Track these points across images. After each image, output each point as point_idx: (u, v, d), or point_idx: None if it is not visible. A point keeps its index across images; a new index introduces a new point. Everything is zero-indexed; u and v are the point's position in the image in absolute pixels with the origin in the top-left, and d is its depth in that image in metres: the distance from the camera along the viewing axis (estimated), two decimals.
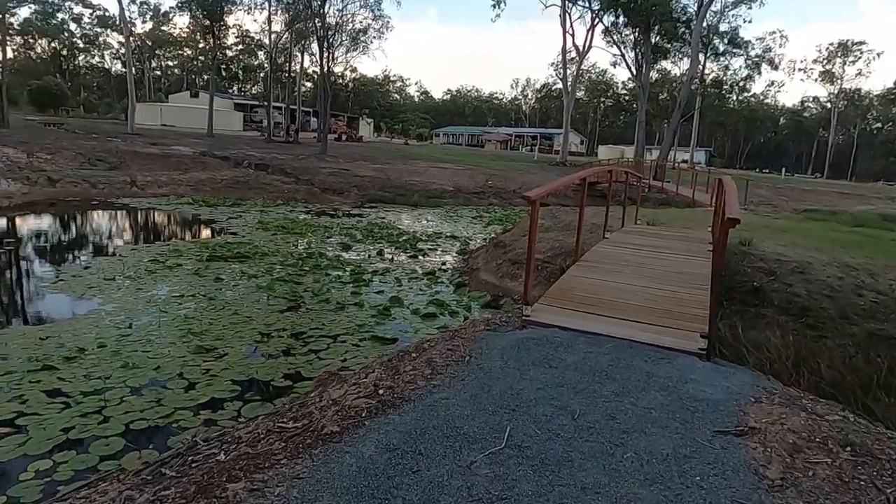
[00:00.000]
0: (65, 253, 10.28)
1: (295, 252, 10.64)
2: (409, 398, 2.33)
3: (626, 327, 3.60)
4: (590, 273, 5.24)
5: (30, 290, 7.64)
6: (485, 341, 3.20)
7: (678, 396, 2.57)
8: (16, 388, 4.61)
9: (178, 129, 42.14)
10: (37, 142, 22.43)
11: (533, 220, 3.43)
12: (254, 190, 20.62)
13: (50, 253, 10.23)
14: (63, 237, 12.29)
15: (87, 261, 9.38)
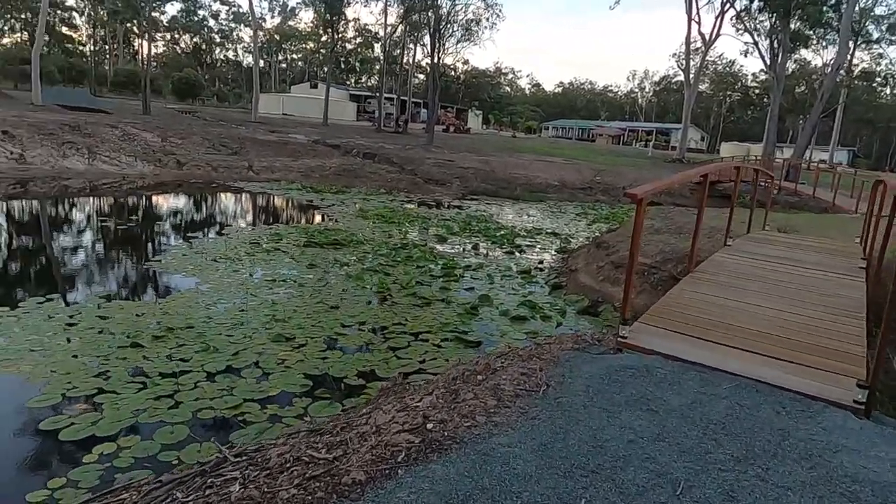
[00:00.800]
0: (178, 232, 10.85)
1: (389, 242, 10.51)
2: (462, 439, 1.88)
3: (751, 362, 2.89)
4: (706, 287, 4.47)
5: (140, 266, 8.05)
6: (569, 365, 2.66)
7: (826, 472, 1.88)
8: (103, 363, 4.71)
9: (296, 118, 44.37)
10: (171, 128, 24.36)
11: (638, 222, 2.82)
12: (359, 178, 21.02)
13: (165, 231, 10.85)
14: (180, 217, 13.06)
15: (197, 240, 9.80)
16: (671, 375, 2.57)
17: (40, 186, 15.10)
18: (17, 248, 9.15)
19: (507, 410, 2.11)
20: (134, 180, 17.34)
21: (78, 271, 8.01)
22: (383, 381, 4.72)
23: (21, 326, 5.38)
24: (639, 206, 2.79)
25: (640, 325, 3.32)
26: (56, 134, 18.97)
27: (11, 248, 9.04)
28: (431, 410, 2.14)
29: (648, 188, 2.93)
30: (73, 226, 11.35)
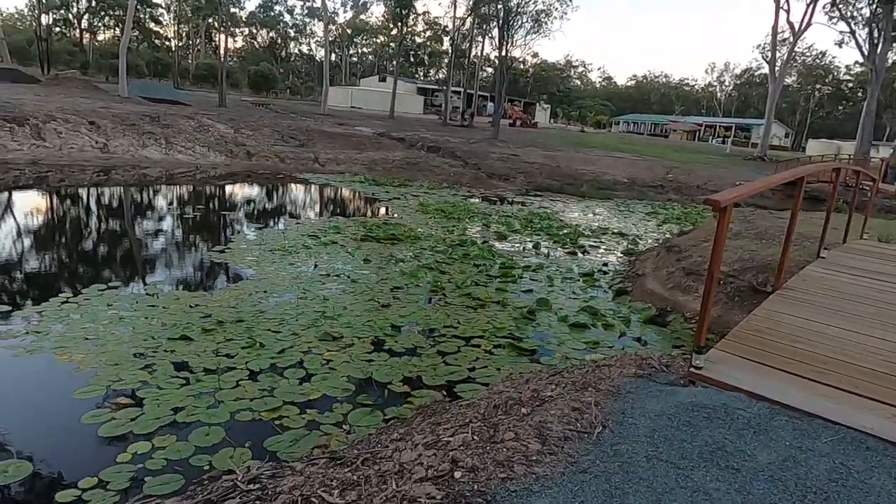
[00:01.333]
0: (242, 222, 11.01)
1: (447, 238, 10.25)
2: (493, 496, 1.56)
3: (857, 408, 2.38)
4: (799, 309, 3.89)
5: (201, 255, 8.16)
6: (630, 399, 2.27)
7: None
8: (151, 355, 4.69)
9: (363, 110, 44.94)
10: (243, 120, 25.11)
11: (720, 233, 2.38)
12: (422, 171, 20.90)
13: (230, 221, 11.05)
14: (245, 207, 13.31)
15: (259, 231, 9.89)
16: (756, 420, 2.13)
17: (121, 174, 15.83)
18: (88, 234, 9.52)
19: (551, 458, 1.77)
20: (207, 170, 17.92)
21: (141, 260, 8.21)
22: (427, 393, 4.46)
23: (81, 313, 5.48)
24: (722, 216, 2.35)
25: (718, 353, 2.86)
26: (137, 125, 19.88)
27: (82, 235, 9.41)
28: (463, 452, 1.83)
29: (733, 194, 2.48)
30: (144, 214, 11.76)
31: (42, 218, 10.44)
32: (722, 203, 2.31)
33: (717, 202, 2.29)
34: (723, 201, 2.30)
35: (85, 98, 25.39)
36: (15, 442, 3.43)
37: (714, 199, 2.30)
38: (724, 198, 2.39)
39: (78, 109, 20.14)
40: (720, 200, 2.29)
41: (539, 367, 4.59)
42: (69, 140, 17.63)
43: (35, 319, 5.26)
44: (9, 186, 12.81)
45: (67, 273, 7.23)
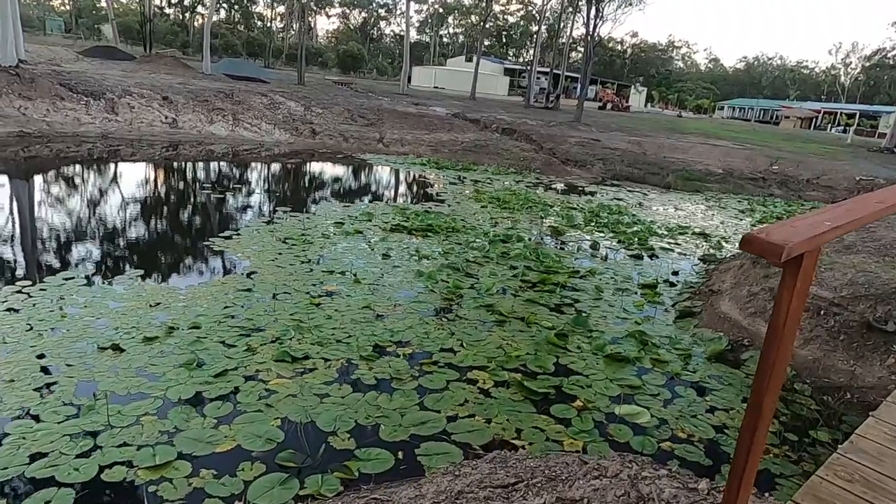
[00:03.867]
0: (271, 203, 10.29)
1: (491, 232, 8.98)
2: None
3: None
4: None
5: (201, 242, 7.41)
6: None
7: None
8: (62, 371, 3.86)
9: (445, 91, 43.92)
10: (316, 98, 24.81)
11: (788, 305, 1.09)
12: (490, 155, 19.56)
13: (258, 202, 10.36)
14: (284, 186, 12.67)
15: (284, 215, 9.09)
16: None
17: (188, 150, 15.77)
18: (94, 212, 9.09)
19: None
20: (270, 147, 17.61)
21: (135, 244, 7.60)
22: (377, 455, 3.30)
23: (23, 306, 4.79)
24: (786, 272, 1.07)
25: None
26: (209, 101, 19.90)
27: (88, 213, 8.99)
28: None
29: (814, 230, 1.12)
30: (174, 193, 11.35)
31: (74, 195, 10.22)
32: (784, 247, 1.00)
33: (777, 246, 0.99)
34: (788, 243, 0.99)
35: (169, 75, 26.08)
36: None
37: (766, 238, 0.99)
38: (793, 238, 1.05)
39: (155, 85, 20.47)
40: (781, 243, 0.99)
41: (505, 457, 3.30)
42: (140, 115, 17.84)
43: None
44: (83, 159, 12.93)
45: (45, 254, 6.68)
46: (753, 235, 1.08)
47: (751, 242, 1.09)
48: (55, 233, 7.59)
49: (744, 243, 1.12)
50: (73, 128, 15.85)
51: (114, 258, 6.69)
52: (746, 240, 1.10)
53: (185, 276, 6.32)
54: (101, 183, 11.22)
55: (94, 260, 6.52)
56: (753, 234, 1.08)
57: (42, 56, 25.23)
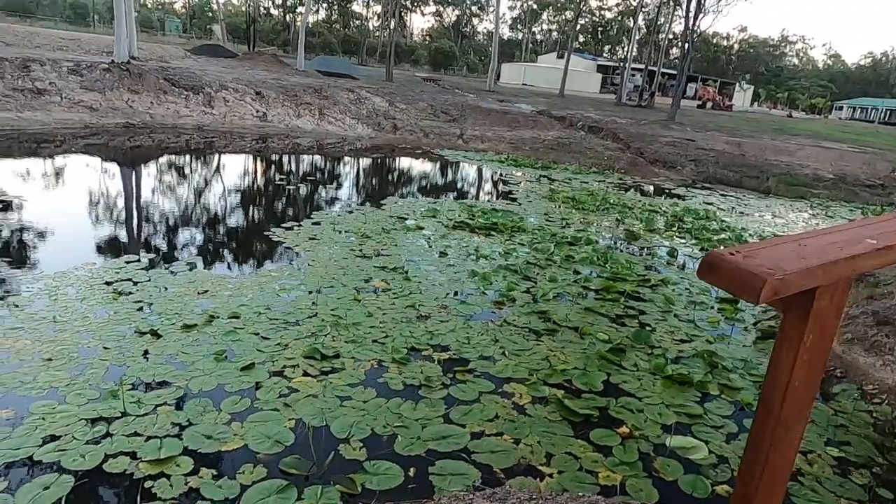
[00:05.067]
0: (340, 196, 10.34)
1: (559, 234, 8.50)
2: None
3: None
4: None
5: (263, 232, 7.48)
6: None
7: None
8: (98, 353, 3.92)
9: (534, 88, 43.09)
10: (402, 94, 25.06)
11: (797, 377, 0.73)
12: (572, 153, 18.84)
13: (328, 194, 10.44)
14: (356, 180, 12.75)
15: (346, 209, 9.09)
16: None
17: (276, 142, 16.36)
18: (168, 201, 9.46)
19: None
20: (352, 141, 17.92)
21: (201, 231, 7.82)
22: (386, 469, 3.05)
23: (80, 287, 4.97)
24: (785, 319, 0.70)
25: None
26: (298, 96, 20.57)
27: (159, 201, 9.37)
28: None
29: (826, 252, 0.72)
30: (250, 182, 11.67)
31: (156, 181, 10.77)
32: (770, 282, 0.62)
33: (752, 278, 0.62)
34: (777, 276, 0.61)
35: (265, 71, 27.30)
36: None
37: (740, 263, 0.63)
38: (785, 264, 0.66)
39: (250, 81, 21.42)
40: (761, 272, 0.62)
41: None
42: (234, 108, 18.71)
43: (31, 286, 4.85)
44: (181, 149, 13.73)
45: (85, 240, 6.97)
46: (718, 257, 0.71)
47: (713, 267, 0.71)
48: (134, 216, 7.98)
49: (703, 268, 0.74)
50: (172, 120, 16.86)
51: (178, 244, 6.90)
52: (707, 263, 0.73)
53: (239, 264, 6.39)
54: (190, 173, 11.79)
55: (160, 244, 6.76)
56: (719, 255, 0.71)
57: (153, 53, 27.20)
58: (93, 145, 12.98)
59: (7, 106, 14.26)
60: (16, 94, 14.76)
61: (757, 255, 0.72)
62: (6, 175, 9.50)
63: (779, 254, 0.73)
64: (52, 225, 6.97)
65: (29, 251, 6.06)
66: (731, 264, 0.69)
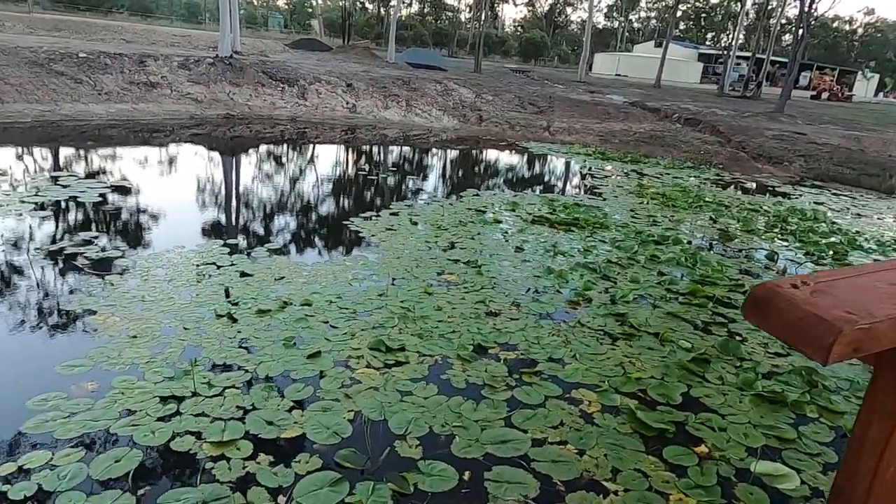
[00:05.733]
0: (419, 188, 10.35)
1: (645, 232, 8.05)
2: None
3: None
4: None
5: (341, 222, 7.60)
6: None
7: None
8: (177, 332, 4.11)
9: (628, 78, 41.34)
10: (489, 85, 24.86)
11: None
12: (665, 147, 17.88)
13: (408, 185, 10.48)
14: (438, 172, 12.73)
15: (425, 200, 9.09)
16: None
17: (363, 133, 16.75)
18: (256, 188, 9.83)
19: None
20: (437, 133, 17.99)
21: (283, 219, 8.06)
22: (441, 471, 2.96)
23: (167, 268, 5.26)
24: (876, 383, 0.50)
25: None
26: (387, 88, 20.94)
27: (247, 189, 9.74)
28: None
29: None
30: (333, 172, 11.94)
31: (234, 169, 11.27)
32: (849, 332, 0.42)
33: (825, 326, 0.44)
34: (862, 323, 0.42)
35: (356, 64, 27.97)
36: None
37: (807, 305, 0.45)
38: (876, 308, 0.46)
39: (342, 73, 22.01)
40: (836, 320, 0.43)
41: None
42: (325, 100, 19.31)
43: (126, 266, 5.18)
44: (276, 139, 14.39)
45: (179, 225, 7.32)
46: (773, 291, 0.51)
47: (765, 305, 0.51)
48: (225, 203, 8.39)
49: (750, 306, 0.55)
50: (268, 111, 17.63)
51: (262, 230, 7.17)
52: (756, 300, 0.53)
53: (316, 252, 6.54)
54: (281, 162, 12.28)
55: (246, 230, 7.05)
56: (774, 288, 0.51)
57: (255, 48, 28.61)
58: (197, 135, 13.82)
59: (125, 98, 15.49)
60: (132, 88, 16.00)
61: (832, 289, 0.52)
62: (120, 161, 10.30)
63: (865, 288, 0.52)
64: (153, 209, 7.46)
65: (129, 233, 6.50)
66: (790, 303, 0.50)
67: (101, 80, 15.56)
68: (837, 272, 0.59)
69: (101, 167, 9.74)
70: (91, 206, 7.14)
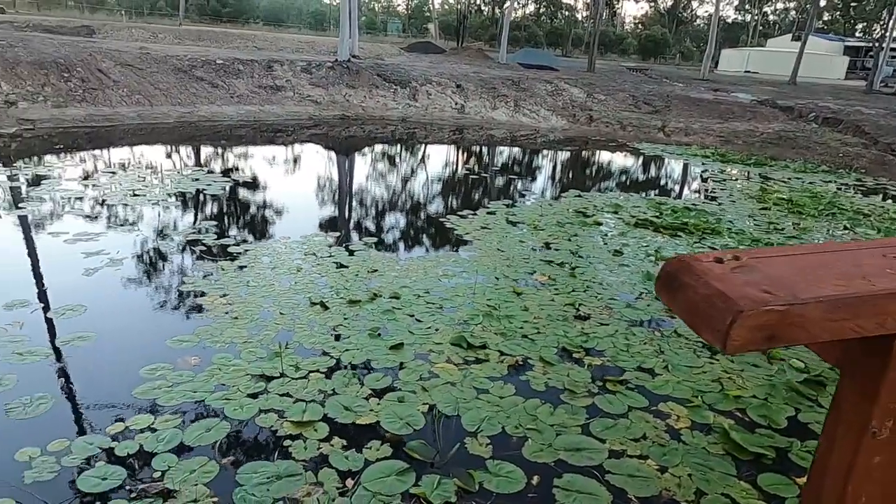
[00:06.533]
0: (520, 188, 10.23)
1: (763, 239, 7.40)
2: None
3: None
4: None
5: (438, 219, 7.68)
6: None
7: None
8: (273, 317, 4.37)
9: (759, 75, 38.27)
10: (602, 85, 24.10)
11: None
12: (796, 149, 16.32)
13: (508, 186, 10.39)
14: (542, 172, 12.50)
15: (525, 199, 8.98)
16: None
17: (471, 133, 16.95)
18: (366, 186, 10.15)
19: None
20: (545, 133, 17.75)
21: (384, 214, 8.28)
22: (508, 472, 2.90)
23: (273, 256, 5.61)
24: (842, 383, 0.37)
25: None
26: (496, 88, 20.98)
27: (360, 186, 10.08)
28: None
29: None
30: (438, 170, 12.10)
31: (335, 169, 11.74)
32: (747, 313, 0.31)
33: (729, 306, 0.33)
34: (783, 302, 0.31)
35: (467, 65, 28.26)
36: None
37: (709, 278, 0.34)
38: (799, 289, 0.33)
39: (453, 74, 22.35)
40: (739, 299, 0.32)
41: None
42: (435, 101, 19.71)
43: (237, 254, 5.59)
44: (387, 139, 14.98)
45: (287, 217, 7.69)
46: (686, 264, 0.40)
47: (673, 281, 0.40)
48: (331, 198, 8.82)
49: (661, 282, 0.44)
50: (381, 112, 18.30)
51: (362, 225, 7.45)
52: (667, 275, 0.43)
53: (410, 247, 6.67)
54: (389, 161, 12.71)
55: (347, 224, 7.36)
56: (690, 261, 0.40)
57: (372, 52, 29.83)
58: (315, 135, 14.67)
59: (252, 100, 16.78)
60: (259, 91, 17.30)
61: (764, 265, 0.41)
62: (245, 159, 11.19)
63: (809, 267, 0.40)
64: (267, 202, 8.01)
65: (244, 223, 7.03)
66: (699, 278, 0.39)
67: (234, 84, 16.98)
68: (787, 248, 0.47)
69: (230, 164, 10.62)
70: (214, 198, 7.81)
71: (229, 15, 56.97)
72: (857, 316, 0.40)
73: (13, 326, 3.96)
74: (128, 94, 14.54)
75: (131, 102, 14.37)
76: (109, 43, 20.82)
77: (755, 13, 74.67)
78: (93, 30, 28.12)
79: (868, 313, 0.41)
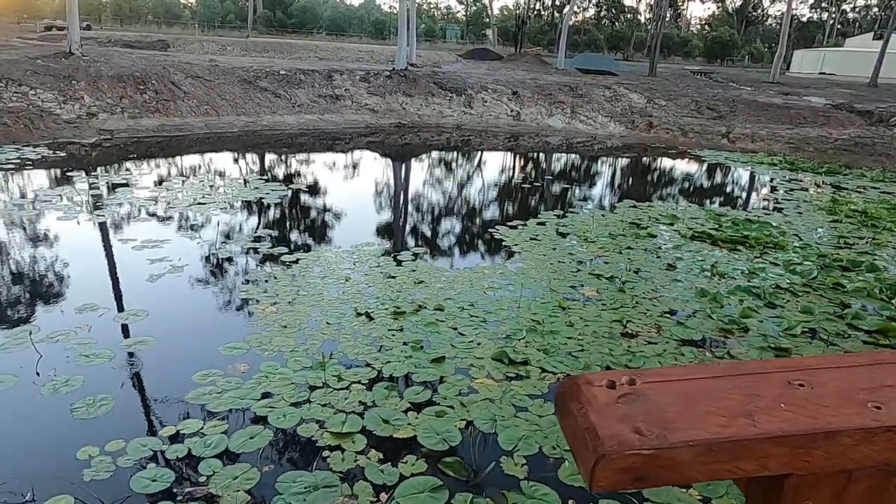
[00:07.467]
0: (574, 197, 10.07)
1: (831, 255, 6.99)
2: None
3: None
4: None
5: (487, 229, 7.67)
6: None
7: None
8: (318, 327, 4.49)
9: (835, 77, 36.24)
10: (662, 89, 23.43)
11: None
12: (874, 156, 15.35)
13: (562, 195, 10.26)
14: (596, 181, 12.28)
15: (577, 209, 8.85)
16: None
17: (526, 140, 16.88)
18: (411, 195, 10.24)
19: None
20: (602, 140, 17.46)
21: (432, 224, 8.33)
22: (543, 495, 2.87)
23: (323, 266, 5.75)
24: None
25: None
26: (552, 94, 20.78)
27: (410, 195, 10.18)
28: None
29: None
30: (489, 179, 12.07)
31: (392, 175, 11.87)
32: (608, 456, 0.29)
33: (596, 444, 0.30)
34: (641, 448, 0.29)
35: (524, 71, 28.12)
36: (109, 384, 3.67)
37: (589, 413, 0.31)
38: (672, 429, 0.30)
39: (509, 81, 22.29)
40: (606, 438, 0.30)
41: None
42: (490, 108, 19.73)
43: (288, 264, 5.77)
44: (442, 146, 15.15)
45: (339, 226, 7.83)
46: (577, 388, 0.38)
47: (563, 404, 0.38)
48: (383, 207, 8.96)
49: (556, 401, 0.42)
50: (436, 119, 18.47)
51: (411, 234, 7.54)
52: (560, 396, 0.40)
53: (457, 259, 6.69)
54: (443, 169, 12.82)
55: (397, 235, 7.46)
56: (583, 383, 0.38)
57: (429, 59, 30.12)
58: (372, 143, 14.97)
59: (312, 109, 17.30)
60: (319, 100, 17.81)
61: (655, 393, 0.38)
62: (303, 166, 11.55)
63: (696, 397, 0.38)
64: (321, 211, 8.24)
65: (297, 233, 7.26)
66: (582, 407, 0.37)
67: (295, 94, 17.55)
68: (692, 369, 0.44)
69: (289, 172, 10.99)
70: (272, 206, 8.10)
71: (294, 26, 58.99)
72: (736, 459, 0.38)
73: (82, 329, 4.25)
74: (197, 104, 15.29)
75: (200, 113, 15.11)
76: (181, 56, 21.96)
77: (832, 11, 70.74)
78: (167, 44, 29.74)
79: (747, 456, 0.39)
